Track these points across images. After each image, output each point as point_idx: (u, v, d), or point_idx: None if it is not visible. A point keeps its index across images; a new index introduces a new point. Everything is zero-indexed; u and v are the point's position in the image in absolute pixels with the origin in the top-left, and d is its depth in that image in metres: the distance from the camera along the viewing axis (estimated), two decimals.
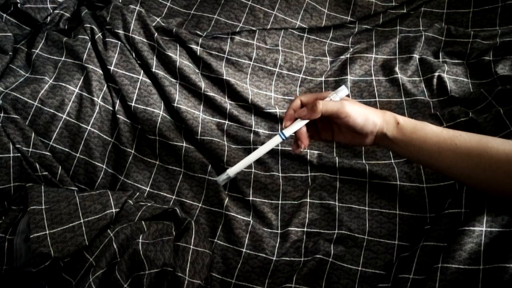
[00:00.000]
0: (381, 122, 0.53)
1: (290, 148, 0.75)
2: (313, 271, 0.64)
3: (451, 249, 0.51)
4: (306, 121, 0.55)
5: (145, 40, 0.82)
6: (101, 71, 0.78)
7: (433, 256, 0.54)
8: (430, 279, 0.50)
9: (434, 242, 0.55)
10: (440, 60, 0.83)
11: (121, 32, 0.81)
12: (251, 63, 0.85)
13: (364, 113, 0.52)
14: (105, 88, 0.77)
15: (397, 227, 0.67)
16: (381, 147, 0.57)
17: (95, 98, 0.75)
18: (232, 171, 0.58)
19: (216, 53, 0.84)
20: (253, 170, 0.74)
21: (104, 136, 0.75)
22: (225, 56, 0.84)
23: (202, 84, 0.80)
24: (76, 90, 0.75)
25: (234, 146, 0.77)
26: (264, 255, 0.67)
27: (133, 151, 0.76)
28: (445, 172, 0.54)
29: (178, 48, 0.83)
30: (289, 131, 0.56)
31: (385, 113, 0.54)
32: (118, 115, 0.76)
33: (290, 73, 0.86)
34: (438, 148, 0.51)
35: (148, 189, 0.74)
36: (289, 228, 0.69)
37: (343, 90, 0.56)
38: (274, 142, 0.57)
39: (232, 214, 0.70)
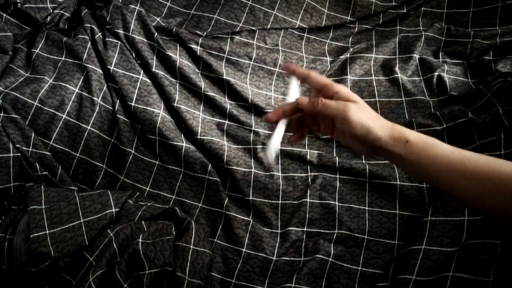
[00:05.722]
0: (385, 139, 0.48)
1: (290, 148, 0.75)
2: (313, 271, 0.64)
3: (463, 259, 0.51)
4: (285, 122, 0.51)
5: (145, 40, 0.82)
6: (101, 71, 0.78)
7: (435, 258, 0.54)
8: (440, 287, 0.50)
9: (438, 247, 0.55)
10: (440, 60, 0.83)
11: (121, 32, 0.81)
12: (251, 63, 0.85)
13: (367, 127, 0.47)
14: (105, 88, 0.77)
15: (397, 227, 0.67)
16: (381, 157, 0.55)
17: (95, 98, 0.75)
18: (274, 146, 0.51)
19: (216, 53, 0.84)
20: (253, 170, 0.74)
21: (104, 136, 0.75)
22: (225, 56, 0.84)
23: (202, 84, 0.80)
24: (76, 90, 0.75)
25: (234, 146, 0.77)
26: (264, 255, 0.67)
27: (133, 151, 0.76)
28: (449, 193, 0.50)
29: (178, 48, 0.83)
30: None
31: (394, 129, 0.48)
32: (118, 115, 0.76)
33: None
34: (446, 169, 0.48)
35: (148, 189, 0.74)
36: (289, 228, 0.69)
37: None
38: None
39: (232, 214, 0.70)
